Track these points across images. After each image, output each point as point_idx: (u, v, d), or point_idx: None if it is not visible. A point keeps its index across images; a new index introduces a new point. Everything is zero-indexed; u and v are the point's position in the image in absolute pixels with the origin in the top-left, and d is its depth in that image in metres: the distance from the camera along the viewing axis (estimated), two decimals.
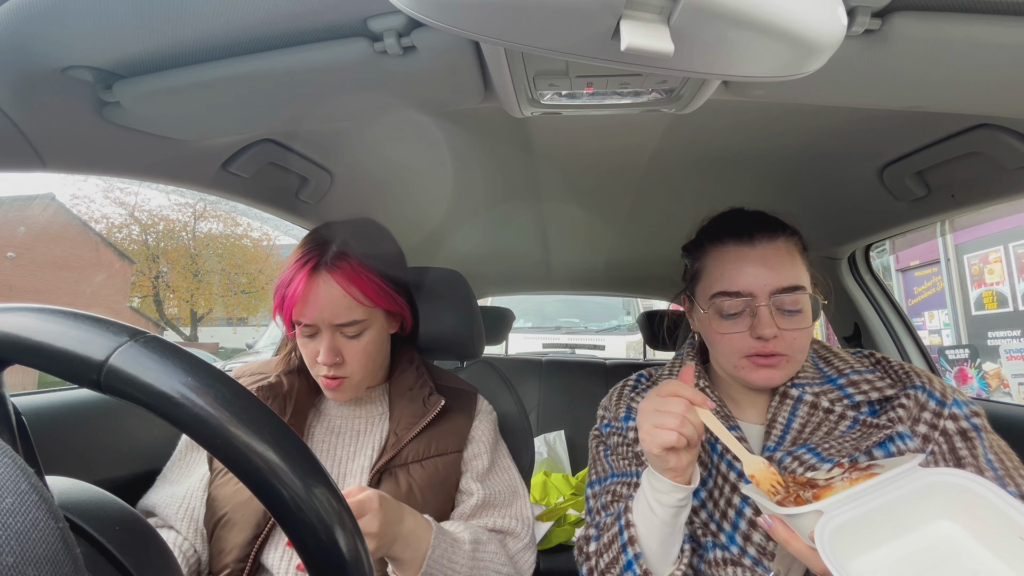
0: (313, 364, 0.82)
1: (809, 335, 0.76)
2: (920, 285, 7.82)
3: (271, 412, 0.33)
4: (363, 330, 0.82)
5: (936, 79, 0.58)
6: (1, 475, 0.24)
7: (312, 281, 0.77)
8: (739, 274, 0.75)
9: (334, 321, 0.78)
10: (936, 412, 0.71)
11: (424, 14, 0.38)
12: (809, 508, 0.54)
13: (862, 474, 0.58)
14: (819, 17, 0.39)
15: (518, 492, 0.91)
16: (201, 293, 15.61)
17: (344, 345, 0.80)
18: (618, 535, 0.72)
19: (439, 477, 0.85)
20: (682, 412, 0.64)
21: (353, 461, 0.84)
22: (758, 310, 0.73)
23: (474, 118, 0.96)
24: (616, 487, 0.82)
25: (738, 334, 0.74)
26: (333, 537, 0.31)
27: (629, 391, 0.91)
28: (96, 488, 0.38)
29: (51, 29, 0.54)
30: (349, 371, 0.81)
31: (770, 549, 0.69)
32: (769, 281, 0.73)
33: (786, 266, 0.75)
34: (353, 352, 0.81)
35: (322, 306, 0.77)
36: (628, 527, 0.71)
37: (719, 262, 0.78)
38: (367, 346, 0.82)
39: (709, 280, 0.79)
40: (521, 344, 4.73)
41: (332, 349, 0.79)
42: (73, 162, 0.73)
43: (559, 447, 2.13)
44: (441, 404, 0.88)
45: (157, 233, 15.50)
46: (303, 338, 0.81)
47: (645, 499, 0.69)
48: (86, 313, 0.32)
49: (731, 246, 0.77)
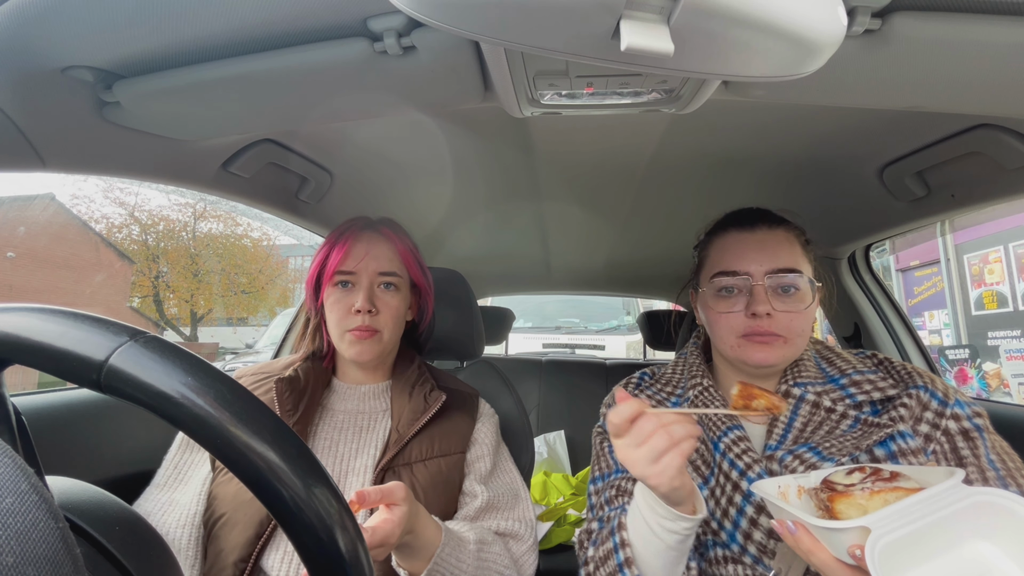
0: (347, 316, 0.85)
1: (807, 319, 0.77)
2: (920, 285, 7.82)
3: (271, 412, 0.33)
4: (397, 287, 0.89)
5: (936, 79, 0.58)
6: (1, 475, 0.24)
7: (361, 235, 0.89)
8: (737, 256, 0.79)
9: (378, 269, 0.87)
10: (938, 412, 0.71)
11: (424, 14, 0.38)
12: (855, 523, 0.52)
13: (886, 485, 0.57)
14: (819, 17, 0.39)
15: (520, 495, 0.92)
16: (201, 293, 15.59)
17: (379, 297, 0.87)
18: (613, 552, 0.69)
19: (442, 478, 0.85)
20: (659, 426, 0.59)
21: (356, 459, 0.84)
22: (753, 288, 0.76)
23: (474, 118, 0.96)
24: (620, 482, 0.82)
25: (735, 313, 0.77)
26: (333, 537, 0.31)
27: (633, 388, 0.92)
28: (96, 488, 0.38)
29: (51, 29, 0.54)
30: (381, 323, 0.86)
31: (771, 548, 0.69)
32: (765, 262, 0.77)
33: (784, 251, 0.78)
34: (386, 304, 0.87)
35: (368, 255, 0.87)
36: (623, 547, 0.68)
37: (721, 248, 0.83)
38: (397, 307, 0.89)
39: (711, 264, 0.83)
40: (521, 344, 4.74)
41: (370, 297, 0.86)
42: (73, 162, 0.73)
43: (559, 447, 2.13)
44: (443, 400, 0.90)
45: (157, 233, 15.50)
46: (338, 294, 0.86)
47: (646, 524, 0.65)
48: (86, 313, 0.32)
49: (733, 233, 0.83)
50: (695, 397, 0.83)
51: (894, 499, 0.54)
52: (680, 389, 0.89)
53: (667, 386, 0.91)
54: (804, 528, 0.56)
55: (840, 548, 0.53)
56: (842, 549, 0.53)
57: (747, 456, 0.75)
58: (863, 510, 0.55)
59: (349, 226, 0.90)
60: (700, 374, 0.86)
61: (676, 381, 0.91)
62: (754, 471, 0.73)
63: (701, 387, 0.84)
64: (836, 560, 0.53)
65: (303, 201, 1.18)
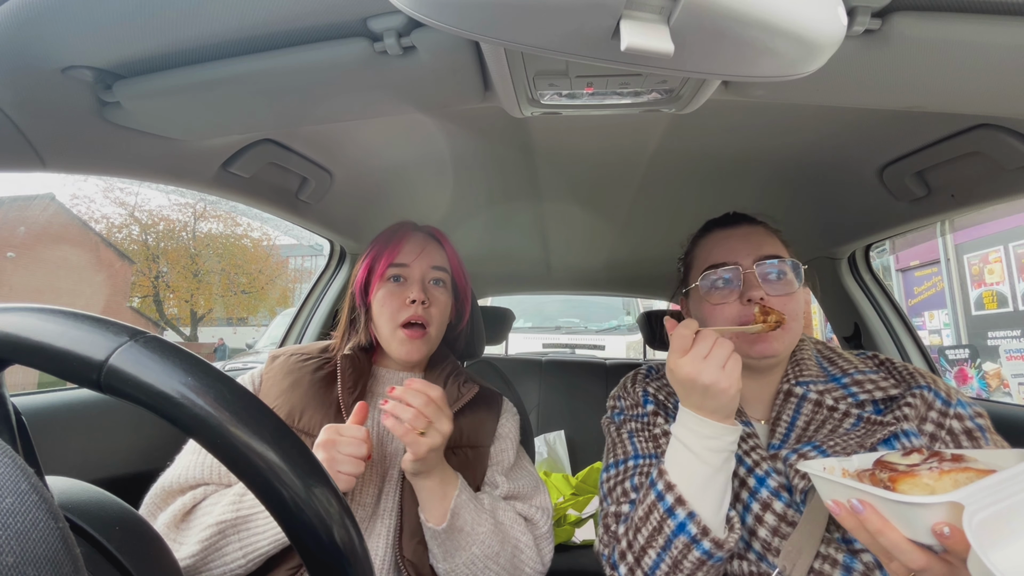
0: (400, 309, 0.87)
1: (799, 302, 0.80)
2: (920, 285, 7.83)
3: (271, 412, 0.33)
4: (446, 284, 0.94)
5: (936, 79, 0.58)
6: (1, 475, 0.24)
7: (412, 234, 0.94)
8: (725, 249, 0.83)
9: (431, 263, 0.91)
10: (942, 411, 0.72)
11: (424, 14, 0.38)
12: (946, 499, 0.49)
13: (955, 466, 0.54)
14: (819, 17, 0.39)
15: (539, 487, 0.94)
16: (201, 293, 15.60)
17: (430, 291, 0.91)
18: (657, 502, 0.69)
19: (468, 466, 0.87)
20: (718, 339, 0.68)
21: (392, 442, 0.88)
22: (745, 276, 0.79)
23: (474, 118, 0.96)
24: (645, 467, 0.82)
25: (729, 304, 0.80)
26: (333, 537, 0.31)
27: (643, 378, 0.94)
28: (96, 488, 0.38)
29: (51, 29, 0.54)
30: (432, 316, 0.89)
31: (775, 545, 0.70)
32: (752, 252, 0.81)
33: (767, 242, 0.83)
34: (436, 299, 0.91)
35: (422, 251, 0.91)
36: (669, 490, 0.69)
37: (707, 247, 0.87)
38: (446, 303, 0.93)
39: (699, 263, 0.86)
40: (521, 344, 4.74)
41: (423, 290, 0.89)
42: (73, 162, 0.73)
43: (559, 447, 2.13)
44: (476, 390, 0.93)
45: (157, 233, 15.50)
46: (390, 287, 0.89)
47: (689, 452, 0.69)
48: (86, 313, 0.32)
49: (716, 232, 0.87)
50: None
51: (965, 480, 0.52)
52: None
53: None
54: (872, 507, 0.53)
55: (919, 527, 0.50)
56: (921, 528, 0.50)
57: (755, 453, 0.76)
58: (930, 491, 0.52)
59: (398, 227, 0.95)
60: None
61: None
62: (761, 468, 0.74)
63: None
64: (908, 541, 0.51)
65: (303, 201, 1.18)
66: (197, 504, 0.73)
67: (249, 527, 0.68)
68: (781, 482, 0.72)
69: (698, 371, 0.66)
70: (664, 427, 0.84)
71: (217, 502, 0.72)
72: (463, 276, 1.00)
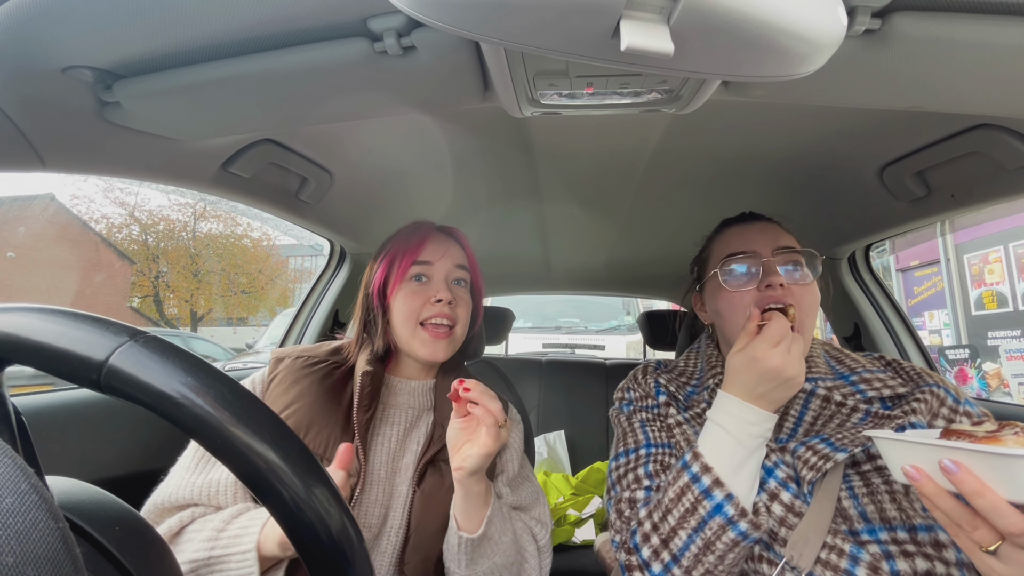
0: (424, 307, 0.86)
1: (815, 295, 0.81)
2: (920, 285, 7.83)
3: (271, 412, 0.33)
4: (467, 284, 0.93)
5: (936, 79, 0.58)
6: (1, 475, 0.24)
7: (434, 233, 0.92)
8: (743, 240, 0.85)
9: (454, 262, 0.90)
10: (953, 408, 0.74)
11: (424, 14, 0.38)
12: None
13: None
14: (819, 17, 0.39)
15: (540, 498, 0.93)
16: (201, 293, 15.59)
17: (453, 290, 0.89)
18: (692, 483, 0.70)
19: None
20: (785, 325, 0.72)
21: (403, 457, 0.85)
22: (764, 264, 0.81)
23: (474, 118, 0.96)
24: (661, 457, 0.82)
25: (748, 290, 0.81)
26: (333, 537, 0.31)
27: (653, 370, 0.95)
28: (96, 488, 0.38)
29: (51, 29, 0.54)
30: (458, 315, 0.88)
31: (781, 535, 0.70)
32: (770, 241, 0.83)
33: (783, 235, 0.85)
34: (460, 298, 0.90)
35: (444, 250, 0.90)
36: (705, 472, 0.70)
37: (723, 240, 0.88)
38: (469, 303, 0.92)
39: (716, 255, 0.88)
40: (521, 344, 4.74)
41: (448, 288, 0.88)
42: (73, 162, 0.73)
43: (559, 447, 2.13)
44: None
45: (157, 233, 15.48)
46: (412, 287, 0.87)
47: (729, 436, 0.71)
48: (86, 313, 0.32)
49: (734, 227, 0.89)
50: (716, 386, 0.85)
51: None
52: (696, 380, 0.91)
53: (682, 376, 0.93)
54: (966, 468, 0.49)
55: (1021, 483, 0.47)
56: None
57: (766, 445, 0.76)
58: None
59: (418, 226, 0.93)
60: (719, 364, 0.87)
61: (691, 372, 0.93)
62: (770, 460, 0.74)
63: (722, 376, 0.84)
64: (1007, 503, 0.47)
65: (303, 201, 1.18)
66: (184, 527, 0.70)
67: (222, 569, 0.65)
68: (789, 473, 0.73)
69: (785, 363, 0.70)
70: (677, 417, 0.85)
71: (200, 529, 0.69)
72: (479, 277, 0.98)
